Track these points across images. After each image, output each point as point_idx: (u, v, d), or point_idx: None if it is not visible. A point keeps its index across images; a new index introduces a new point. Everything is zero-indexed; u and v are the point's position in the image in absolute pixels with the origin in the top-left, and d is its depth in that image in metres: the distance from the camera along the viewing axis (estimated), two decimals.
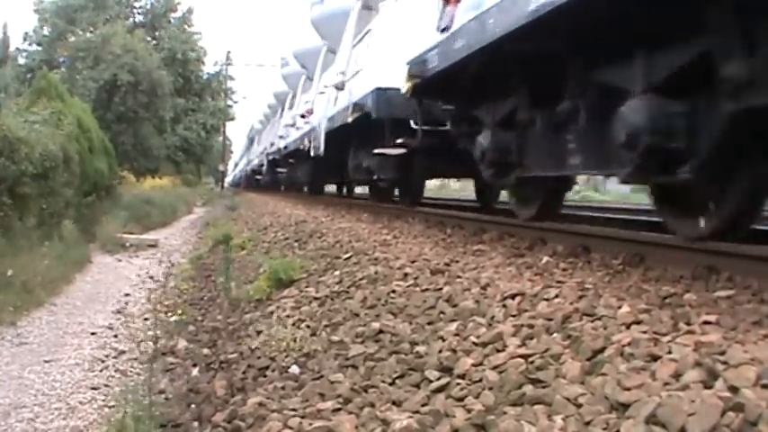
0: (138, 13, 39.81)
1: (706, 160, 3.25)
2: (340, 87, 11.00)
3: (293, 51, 20.15)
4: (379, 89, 8.52)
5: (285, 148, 18.98)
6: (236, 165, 58.15)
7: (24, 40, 37.79)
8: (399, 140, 8.09)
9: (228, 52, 54.08)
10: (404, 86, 6.25)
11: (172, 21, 39.71)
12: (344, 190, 19.12)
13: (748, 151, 3.39)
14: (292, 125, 17.84)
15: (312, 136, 13.46)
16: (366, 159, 9.99)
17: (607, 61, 3.75)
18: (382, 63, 8.74)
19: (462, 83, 5.46)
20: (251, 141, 38.92)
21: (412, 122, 7.59)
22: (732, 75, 2.79)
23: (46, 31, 36.84)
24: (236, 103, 46.22)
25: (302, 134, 15.36)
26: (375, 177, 9.93)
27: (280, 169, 22.60)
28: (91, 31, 33.01)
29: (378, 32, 9.60)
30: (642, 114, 3.30)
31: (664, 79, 3.30)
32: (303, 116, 15.53)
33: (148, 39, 35.24)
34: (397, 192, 11.01)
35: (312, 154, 13.33)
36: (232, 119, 46.60)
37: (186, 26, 39.75)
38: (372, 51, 9.55)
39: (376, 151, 8.78)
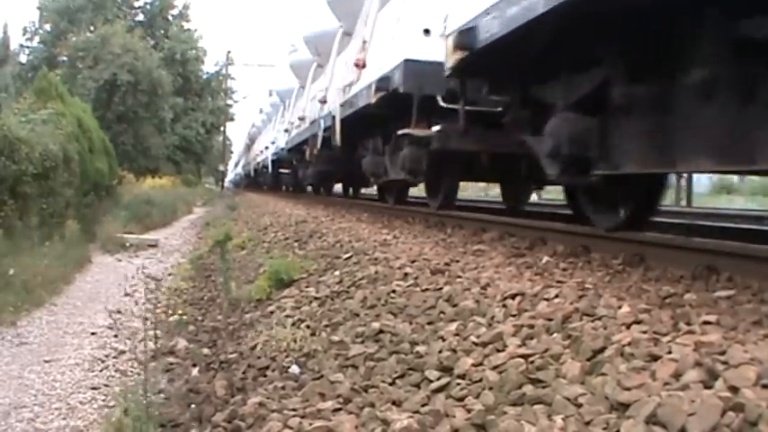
0: (137, 13, 39.82)
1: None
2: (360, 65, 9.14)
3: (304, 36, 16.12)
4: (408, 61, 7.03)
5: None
6: (236, 165, 58.12)
7: (24, 34, 37.85)
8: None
9: (228, 52, 54.04)
10: (448, 61, 5.02)
11: (170, 19, 39.71)
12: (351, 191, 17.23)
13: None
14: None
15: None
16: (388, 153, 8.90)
17: None
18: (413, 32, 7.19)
19: (527, 55, 4.42)
20: (250, 142, 38.28)
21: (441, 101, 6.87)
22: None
23: (48, 27, 36.87)
24: (236, 102, 46.30)
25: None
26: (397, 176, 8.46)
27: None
28: (91, 31, 33.02)
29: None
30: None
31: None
32: None
33: (147, 38, 35.23)
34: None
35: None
36: (232, 119, 46.66)
37: (184, 23, 39.76)
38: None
39: (403, 132, 7.41)
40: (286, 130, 18.30)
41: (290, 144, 17.33)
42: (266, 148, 25.59)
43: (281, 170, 23.18)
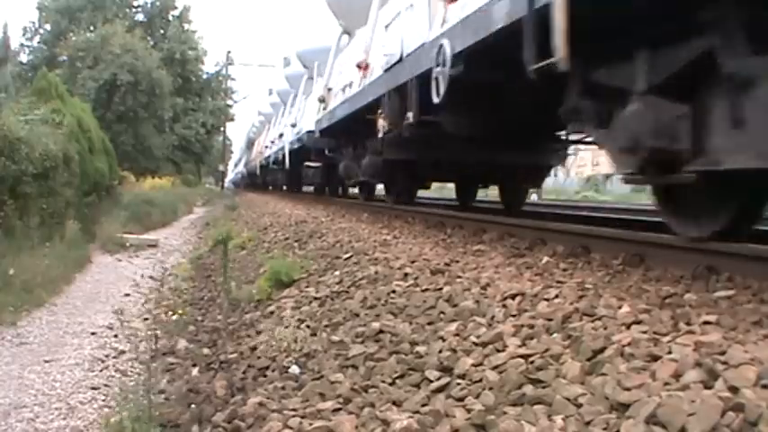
0: (137, 12, 39.83)
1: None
2: None
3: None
4: None
5: None
6: (236, 164, 58.13)
7: (24, 34, 37.91)
8: None
9: (228, 52, 54.15)
10: None
11: (170, 20, 39.72)
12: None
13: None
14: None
15: None
16: None
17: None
18: None
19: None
20: (255, 136, 37.67)
21: None
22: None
23: (48, 27, 36.93)
24: (236, 102, 46.31)
25: None
26: None
27: None
28: (91, 31, 33.06)
29: None
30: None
31: None
32: None
33: (147, 38, 35.27)
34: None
35: None
36: (232, 119, 46.66)
37: (185, 24, 39.76)
38: None
39: None
40: (321, 100, 12.47)
41: (330, 121, 11.29)
42: (280, 136, 20.20)
43: (308, 164, 16.78)
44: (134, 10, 39.83)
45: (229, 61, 43.87)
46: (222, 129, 43.98)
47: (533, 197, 16.69)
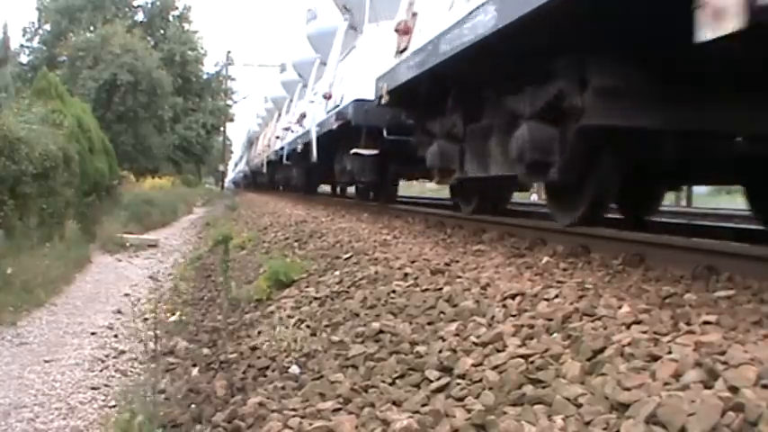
0: (137, 12, 39.86)
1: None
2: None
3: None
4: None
5: None
6: (236, 165, 58.09)
7: (23, 35, 37.98)
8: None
9: (228, 52, 54.21)
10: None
11: (170, 20, 39.74)
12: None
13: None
14: None
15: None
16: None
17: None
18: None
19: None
20: (250, 142, 37.63)
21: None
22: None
23: (48, 27, 36.98)
24: (236, 102, 46.32)
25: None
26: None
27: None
28: (91, 31, 33.09)
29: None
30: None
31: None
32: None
33: (147, 38, 35.32)
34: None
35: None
36: (232, 119, 46.67)
37: (185, 24, 39.79)
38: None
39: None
40: (403, 32, 6.96)
41: (420, 66, 6.04)
42: (300, 119, 15.46)
43: (357, 151, 10.45)
44: (134, 10, 39.87)
45: (229, 61, 43.92)
46: (222, 129, 44.00)
47: (533, 197, 16.52)
